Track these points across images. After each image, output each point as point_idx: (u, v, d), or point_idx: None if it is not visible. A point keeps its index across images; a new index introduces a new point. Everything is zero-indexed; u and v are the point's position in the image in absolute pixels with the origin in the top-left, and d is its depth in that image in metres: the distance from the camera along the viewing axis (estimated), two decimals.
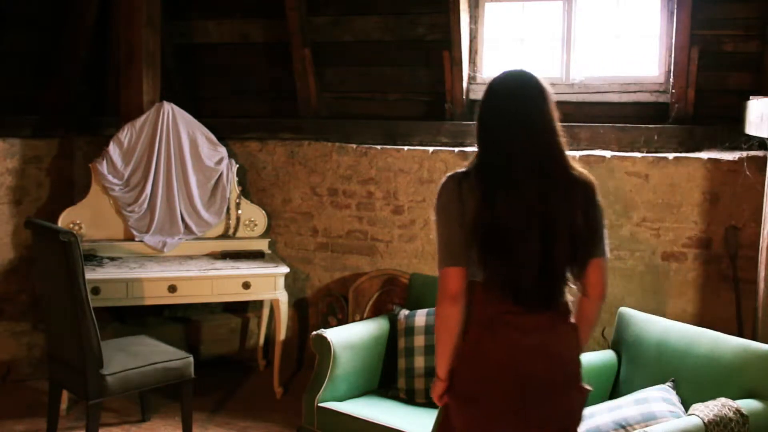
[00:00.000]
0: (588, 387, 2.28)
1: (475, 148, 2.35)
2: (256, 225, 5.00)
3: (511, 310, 2.18)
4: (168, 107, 4.76)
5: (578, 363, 2.27)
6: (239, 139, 5.17)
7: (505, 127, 2.24)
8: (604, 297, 2.34)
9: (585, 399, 2.28)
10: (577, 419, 2.29)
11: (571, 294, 2.32)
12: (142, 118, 4.73)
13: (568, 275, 2.26)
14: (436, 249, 2.27)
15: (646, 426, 2.89)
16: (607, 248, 2.32)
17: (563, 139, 2.32)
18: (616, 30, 4.55)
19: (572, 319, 2.30)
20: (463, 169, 2.27)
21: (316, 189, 5.03)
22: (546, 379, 2.19)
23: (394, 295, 4.57)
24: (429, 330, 3.81)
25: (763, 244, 3.47)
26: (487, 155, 2.25)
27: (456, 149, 4.60)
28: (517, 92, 2.27)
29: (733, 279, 3.97)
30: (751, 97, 3.79)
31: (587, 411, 3.17)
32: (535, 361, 2.19)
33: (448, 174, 2.29)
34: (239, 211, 4.96)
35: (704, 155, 4.08)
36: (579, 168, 2.32)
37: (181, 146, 4.79)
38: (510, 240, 2.17)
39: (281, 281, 4.57)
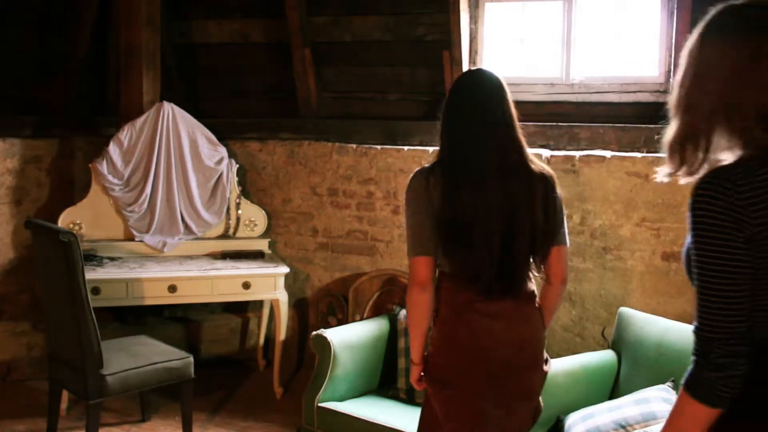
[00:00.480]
0: (546, 368, 2.43)
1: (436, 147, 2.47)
2: (256, 225, 5.00)
3: (477, 298, 2.31)
4: (168, 107, 4.76)
5: (542, 345, 2.41)
6: (239, 139, 5.18)
7: (466, 123, 2.37)
8: (565, 282, 2.47)
9: (545, 379, 2.44)
10: (538, 398, 2.44)
11: (535, 281, 2.47)
12: (142, 118, 4.73)
13: (531, 264, 2.40)
14: (407, 239, 2.39)
15: (646, 426, 2.90)
16: (567, 237, 2.47)
17: (522, 134, 2.43)
18: (616, 30, 4.55)
19: (536, 304, 2.42)
20: (429, 165, 2.39)
21: (316, 189, 5.03)
22: (512, 361, 2.33)
23: (394, 295, 4.57)
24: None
25: None
26: (450, 151, 2.37)
27: None
28: (477, 89, 2.39)
29: None
30: None
31: (587, 411, 3.19)
32: (501, 345, 2.32)
33: (417, 169, 2.42)
34: (239, 211, 4.96)
35: None
36: (538, 162, 2.44)
37: (181, 146, 4.79)
38: (472, 233, 2.29)
39: (281, 281, 4.57)
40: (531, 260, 2.39)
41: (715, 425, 1.61)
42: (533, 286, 2.43)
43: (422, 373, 2.47)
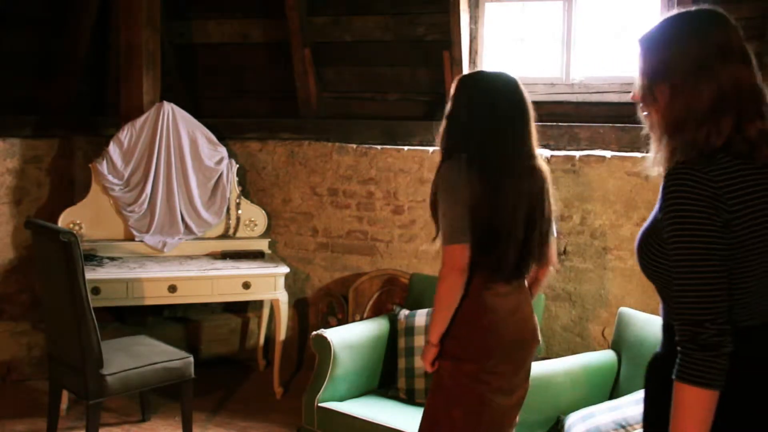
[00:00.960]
0: (540, 340, 2.68)
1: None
2: (256, 225, 5.00)
3: (491, 280, 2.51)
4: (168, 107, 4.76)
5: (536, 319, 2.68)
6: (239, 139, 5.18)
7: (496, 123, 2.53)
8: (555, 265, 2.75)
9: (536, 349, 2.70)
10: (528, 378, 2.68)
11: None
12: (142, 118, 4.73)
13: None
14: (444, 231, 2.50)
15: None
16: (556, 227, 2.71)
17: (536, 133, 2.61)
18: (616, 30, 4.55)
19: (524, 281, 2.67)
20: (462, 159, 2.50)
21: (316, 189, 5.03)
22: (521, 333, 2.58)
23: (394, 295, 4.57)
24: (429, 330, 3.81)
25: None
26: (482, 149, 2.50)
27: None
28: (504, 90, 2.58)
29: None
30: None
31: (587, 411, 3.19)
32: (511, 319, 2.55)
33: (447, 163, 2.53)
34: (239, 211, 4.96)
35: None
36: (540, 161, 2.62)
37: (181, 146, 4.79)
38: (501, 227, 2.48)
39: (281, 281, 4.57)
40: (536, 249, 2.59)
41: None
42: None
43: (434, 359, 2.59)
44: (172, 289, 4.32)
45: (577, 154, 4.30)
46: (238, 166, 4.98)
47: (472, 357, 2.52)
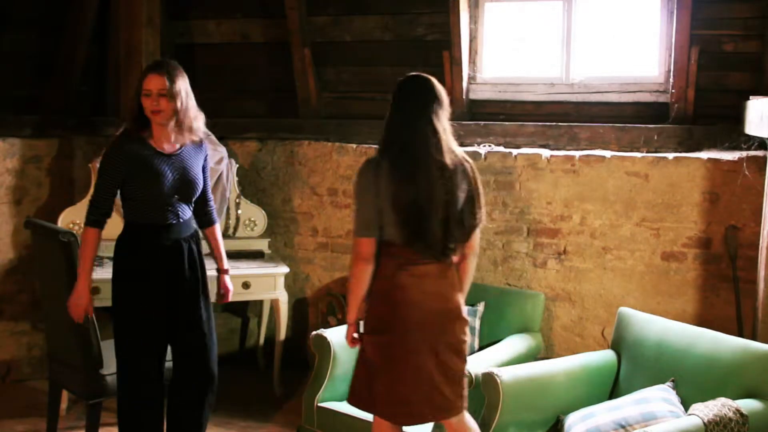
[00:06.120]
0: (466, 317, 2.91)
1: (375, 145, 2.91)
2: (255, 225, 5.00)
3: (408, 263, 2.79)
4: None
5: (459, 299, 2.90)
6: (239, 139, 5.18)
7: (413, 122, 2.80)
8: (476, 254, 3.00)
9: (467, 326, 2.93)
10: (465, 343, 2.91)
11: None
12: None
13: (457, 240, 2.86)
14: (354, 224, 2.83)
15: (646, 426, 2.90)
16: (484, 216, 2.94)
17: (451, 130, 2.88)
18: (616, 30, 4.55)
19: (454, 270, 2.91)
20: (375, 157, 2.82)
21: (316, 189, 5.03)
22: (439, 310, 2.84)
23: None
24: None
25: (763, 244, 3.48)
26: (400, 146, 2.79)
27: None
28: (421, 92, 2.84)
29: (733, 279, 3.97)
30: (750, 97, 3.80)
31: (587, 411, 3.19)
32: (428, 297, 2.81)
33: (365, 160, 2.83)
34: (239, 211, 4.95)
35: (704, 155, 4.08)
36: (460, 153, 2.87)
37: None
38: (426, 210, 2.75)
39: (281, 281, 4.57)
40: (456, 237, 2.85)
41: None
42: (455, 257, 2.90)
43: (355, 334, 2.95)
44: None
45: (577, 154, 4.30)
46: (238, 166, 4.98)
47: (389, 330, 2.82)
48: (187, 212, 3.36)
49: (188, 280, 3.33)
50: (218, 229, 3.62)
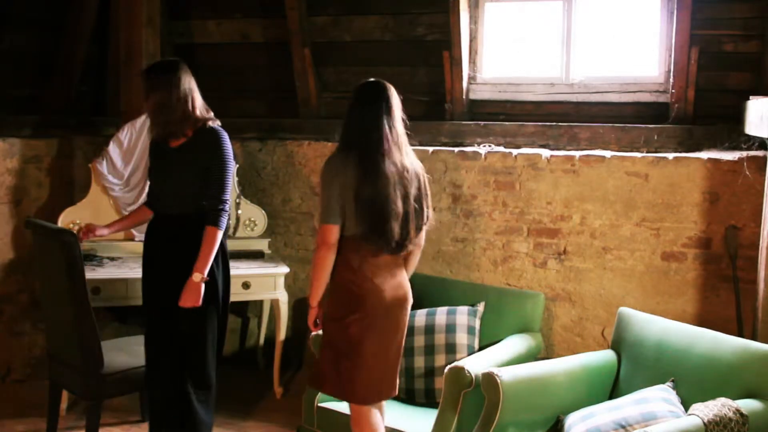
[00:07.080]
0: (409, 305, 3.22)
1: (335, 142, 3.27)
2: (255, 225, 5.00)
3: (369, 254, 3.07)
4: None
5: (409, 288, 3.23)
6: (239, 139, 5.17)
7: (375, 123, 3.06)
8: (422, 249, 3.31)
9: (408, 314, 3.24)
10: (403, 337, 3.24)
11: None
12: (142, 118, 4.72)
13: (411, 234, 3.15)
14: (320, 212, 3.08)
15: (646, 426, 2.90)
16: (431, 213, 3.25)
17: (405, 135, 3.17)
18: (616, 30, 4.55)
19: (402, 261, 3.23)
20: (340, 152, 3.07)
21: (316, 189, 5.03)
22: (394, 295, 3.13)
23: None
24: (429, 330, 3.81)
25: (763, 244, 3.48)
26: (363, 145, 3.04)
27: (456, 149, 4.60)
28: (381, 97, 3.12)
29: (733, 279, 3.97)
30: (751, 97, 3.80)
31: (587, 411, 3.19)
32: (387, 285, 3.11)
33: (331, 155, 3.08)
34: (239, 211, 4.95)
35: (704, 155, 4.08)
36: (413, 155, 3.19)
37: None
38: (385, 209, 3.01)
39: (281, 281, 4.57)
40: (411, 235, 3.14)
41: None
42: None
43: (316, 320, 3.23)
44: None
45: (577, 154, 4.30)
46: (237, 166, 4.98)
47: (356, 315, 3.07)
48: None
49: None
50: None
